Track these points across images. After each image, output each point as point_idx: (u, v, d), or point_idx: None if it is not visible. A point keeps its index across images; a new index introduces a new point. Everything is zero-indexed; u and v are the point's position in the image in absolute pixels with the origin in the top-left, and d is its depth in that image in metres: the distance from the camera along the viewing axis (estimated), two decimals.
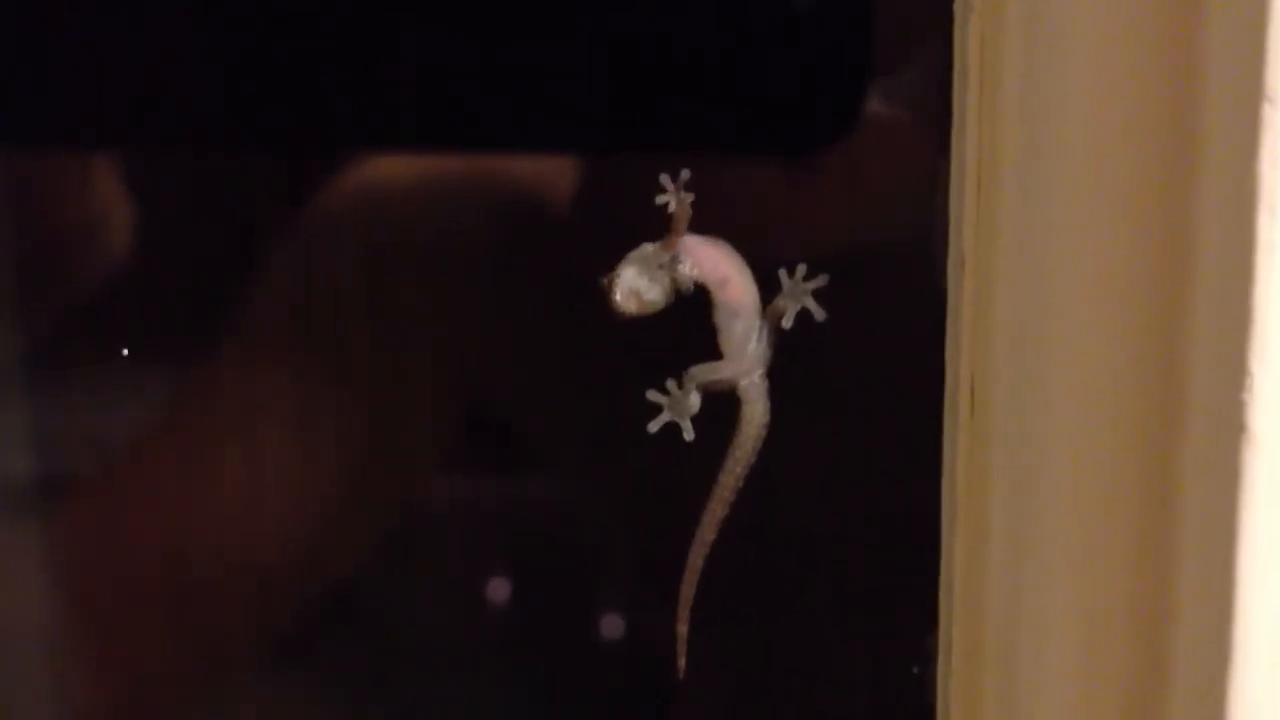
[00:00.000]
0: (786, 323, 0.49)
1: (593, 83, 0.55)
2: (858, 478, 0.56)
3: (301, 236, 0.59)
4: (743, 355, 0.49)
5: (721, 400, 0.50)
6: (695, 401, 0.50)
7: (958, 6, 0.45)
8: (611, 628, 0.62)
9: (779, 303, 0.49)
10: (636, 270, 0.49)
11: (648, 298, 0.49)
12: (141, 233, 0.59)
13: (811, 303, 0.49)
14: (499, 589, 0.62)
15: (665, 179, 0.49)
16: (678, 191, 0.49)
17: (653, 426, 0.50)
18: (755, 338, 0.49)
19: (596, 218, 0.57)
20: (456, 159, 0.58)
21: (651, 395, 0.50)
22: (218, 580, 0.62)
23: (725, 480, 0.50)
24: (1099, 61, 0.41)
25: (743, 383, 0.49)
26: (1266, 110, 0.38)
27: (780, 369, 0.49)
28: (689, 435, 0.50)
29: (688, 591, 0.51)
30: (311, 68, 0.55)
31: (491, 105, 0.55)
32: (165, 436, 0.62)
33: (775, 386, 0.50)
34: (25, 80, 0.57)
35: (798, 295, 0.49)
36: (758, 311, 0.49)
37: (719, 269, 0.49)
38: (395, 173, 0.58)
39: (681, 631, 0.51)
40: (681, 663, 0.51)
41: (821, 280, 0.49)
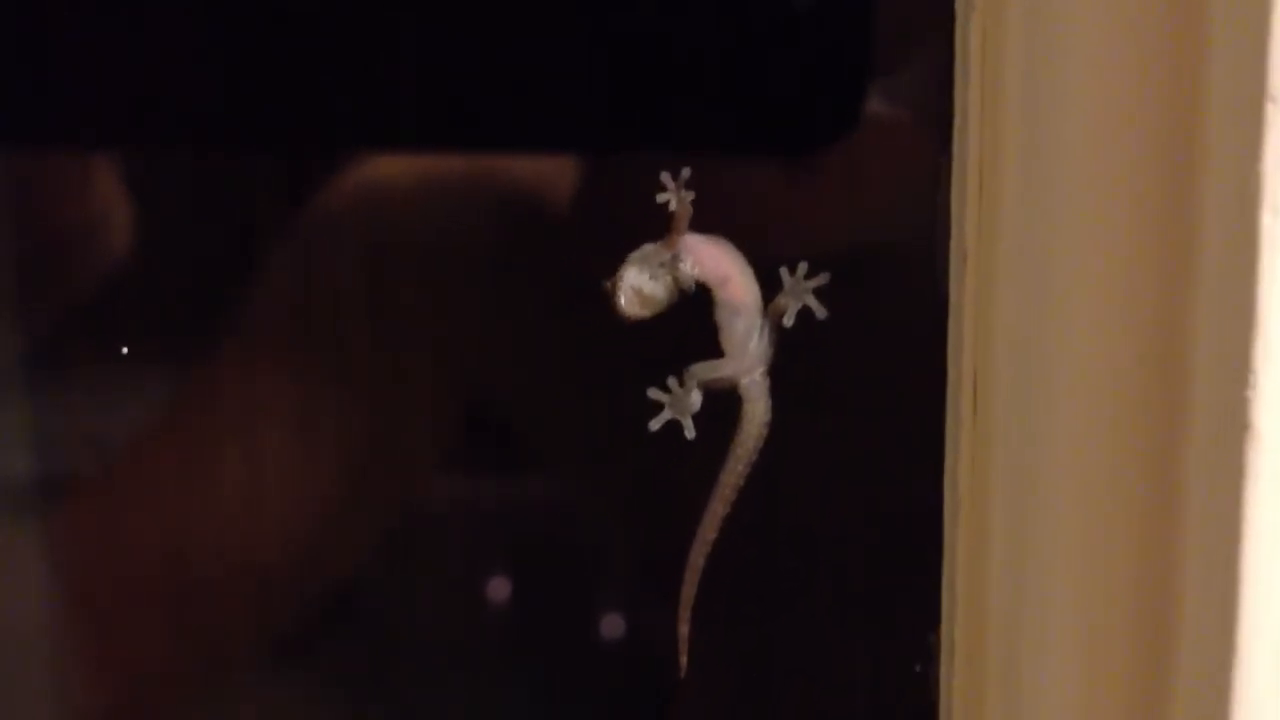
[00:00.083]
0: (788, 321, 0.49)
1: (593, 83, 0.55)
2: (859, 476, 0.56)
3: (301, 236, 0.59)
4: (744, 353, 0.49)
5: (723, 398, 0.50)
6: (696, 399, 0.50)
7: (959, 5, 0.45)
8: (612, 627, 0.62)
9: (780, 301, 0.49)
10: (638, 270, 0.49)
11: (649, 294, 0.49)
12: (141, 233, 0.59)
13: (813, 301, 0.49)
14: (499, 589, 0.62)
15: (666, 177, 0.49)
16: (678, 190, 0.49)
17: (654, 424, 0.50)
18: (756, 336, 0.49)
19: (596, 218, 0.57)
20: (456, 159, 0.58)
21: (653, 393, 0.50)
22: (218, 580, 0.62)
23: (726, 479, 0.50)
24: (1101, 60, 0.41)
25: (744, 381, 0.49)
26: (1269, 109, 0.38)
27: (782, 368, 0.49)
28: (690, 433, 0.50)
29: (689, 591, 0.51)
30: (311, 68, 0.55)
31: (491, 105, 0.55)
32: (165, 436, 0.62)
33: (777, 385, 0.50)
34: (25, 80, 0.56)
35: (799, 293, 0.49)
36: (759, 310, 0.49)
37: (720, 267, 0.49)
38: (395, 173, 0.58)
39: (683, 631, 0.51)
40: (683, 662, 0.51)
41: (823, 278, 0.49)
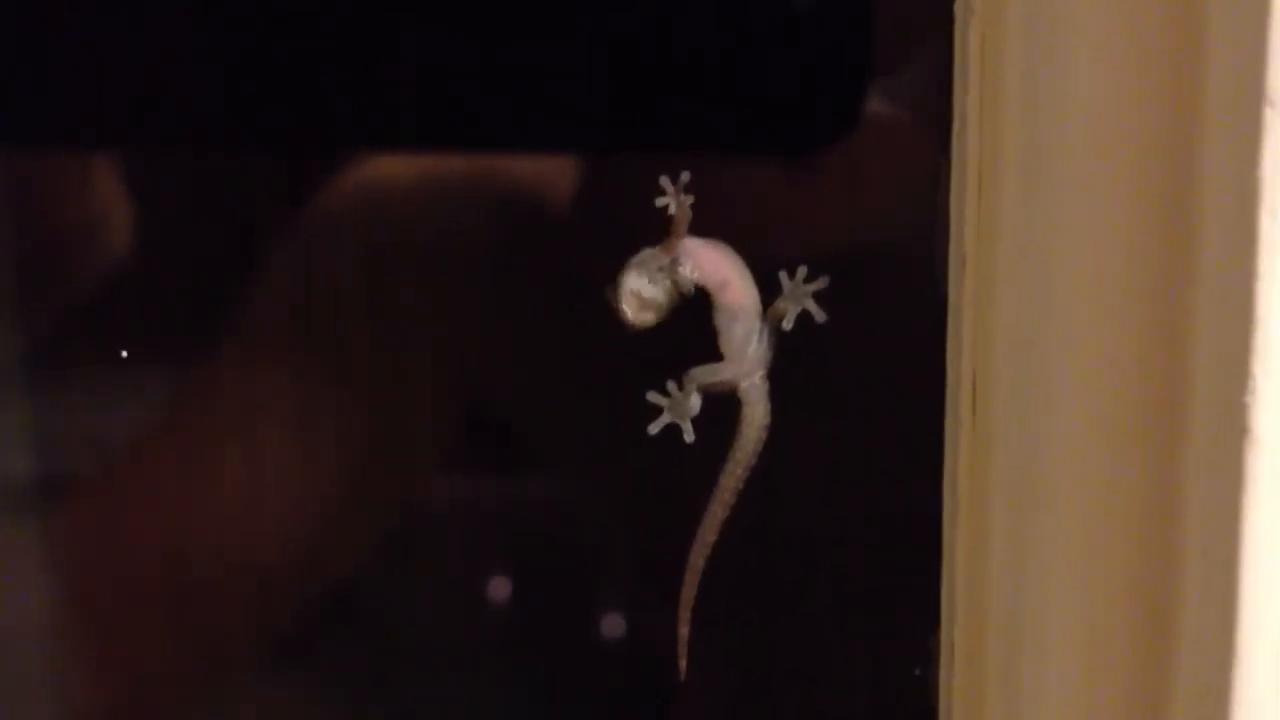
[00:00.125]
0: (787, 324, 0.49)
1: (593, 83, 0.55)
2: (859, 479, 0.56)
3: (301, 236, 0.59)
4: (743, 357, 0.49)
5: (722, 402, 0.50)
6: (696, 403, 0.50)
7: (958, 8, 0.45)
8: (612, 627, 0.62)
9: (779, 305, 0.49)
10: (636, 274, 0.49)
11: (648, 298, 0.49)
12: (141, 233, 0.59)
13: (812, 305, 0.49)
14: (499, 588, 0.62)
15: (665, 181, 0.49)
16: (677, 194, 0.49)
17: (653, 428, 0.50)
18: (756, 340, 0.49)
19: (596, 218, 0.57)
20: (456, 159, 0.58)
21: (652, 397, 0.50)
22: (218, 580, 0.62)
23: (726, 482, 0.50)
24: (1100, 63, 0.41)
25: (743, 384, 0.49)
26: (1267, 113, 0.38)
27: (781, 370, 0.49)
28: (689, 437, 0.50)
29: (689, 593, 0.51)
30: (311, 68, 0.55)
31: (491, 105, 0.55)
32: (165, 436, 0.62)
33: (776, 388, 0.50)
34: (25, 80, 0.56)
35: (798, 297, 0.49)
36: (758, 313, 0.49)
37: (719, 271, 0.49)
38: (395, 173, 0.58)
39: (683, 633, 0.51)
40: (683, 664, 0.51)
41: (822, 282, 0.49)
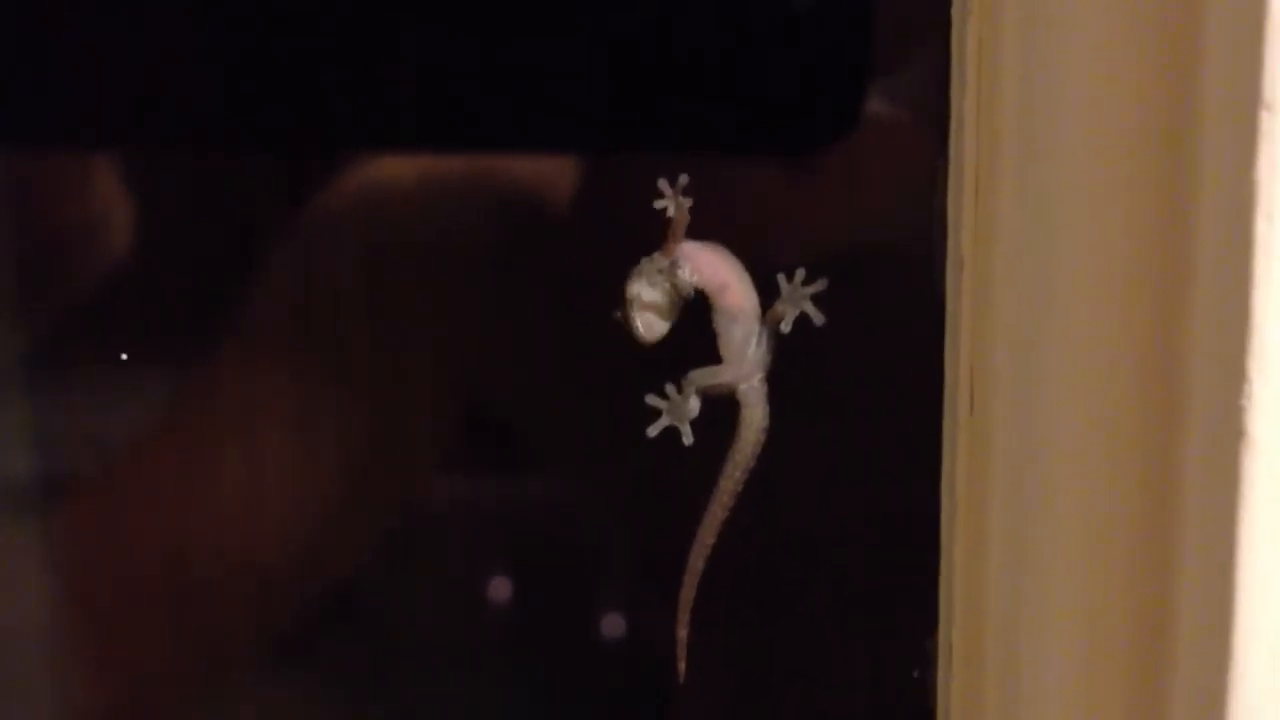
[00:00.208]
0: (785, 327, 0.49)
1: (593, 83, 0.55)
2: (858, 480, 0.56)
3: (301, 236, 0.59)
4: (742, 360, 0.49)
5: (721, 404, 0.50)
6: (694, 406, 0.50)
7: (955, 8, 0.45)
8: (612, 628, 0.62)
9: (778, 307, 0.49)
10: (637, 281, 0.49)
11: (649, 301, 0.49)
12: (141, 233, 0.59)
13: (810, 307, 0.49)
14: (499, 588, 0.62)
15: (663, 184, 0.49)
16: (676, 196, 0.48)
17: (652, 431, 0.50)
18: (754, 342, 0.49)
19: (596, 218, 0.57)
20: (456, 159, 0.58)
21: (650, 400, 0.50)
22: (218, 580, 0.62)
23: (725, 484, 0.50)
24: (1097, 65, 0.40)
25: (742, 387, 0.49)
26: (1264, 116, 0.38)
27: (780, 372, 0.49)
28: (688, 440, 0.50)
29: (687, 595, 0.51)
30: (311, 68, 0.55)
31: (491, 105, 0.55)
32: (165, 436, 0.62)
33: (775, 389, 0.50)
34: (25, 80, 0.56)
35: (796, 300, 0.49)
36: (757, 316, 0.49)
37: (718, 274, 0.49)
38: (395, 173, 0.58)
39: (681, 635, 0.51)
40: (682, 666, 0.51)
41: (820, 284, 0.49)
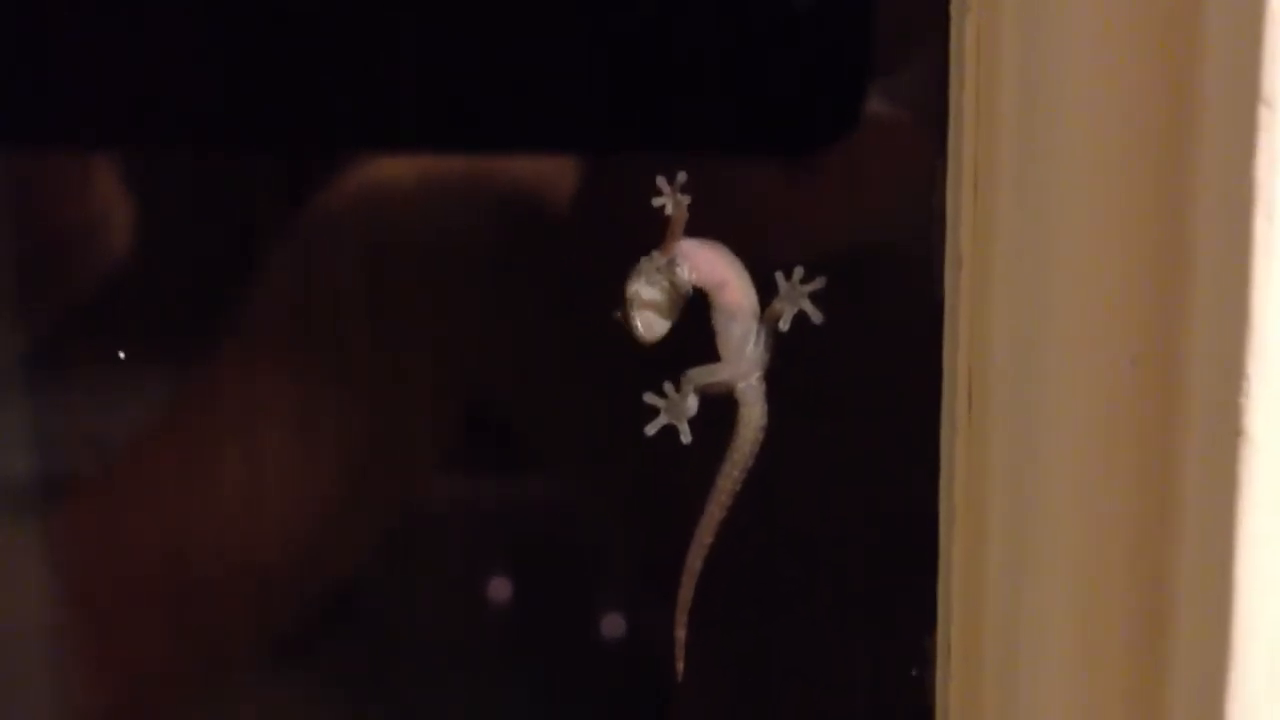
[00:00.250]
0: (783, 325, 0.49)
1: (593, 83, 0.55)
2: (856, 479, 0.56)
3: (301, 236, 0.59)
4: (740, 358, 0.49)
5: (720, 404, 0.50)
6: (692, 404, 0.50)
7: (954, 5, 0.45)
8: (611, 628, 0.62)
9: (776, 305, 0.49)
10: (635, 281, 0.49)
11: (647, 299, 0.49)
12: (141, 233, 0.59)
13: (809, 305, 0.49)
14: (499, 588, 0.62)
15: (661, 181, 0.48)
16: (674, 194, 0.48)
17: (650, 429, 0.50)
18: (753, 340, 0.49)
19: (596, 218, 0.57)
20: (456, 159, 0.58)
21: (648, 398, 0.50)
22: (218, 580, 0.62)
23: (723, 483, 0.50)
24: (1095, 61, 0.40)
25: (740, 385, 0.49)
26: (1263, 113, 0.38)
27: (779, 371, 0.49)
28: (686, 438, 0.49)
29: (685, 595, 0.51)
30: (311, 68, 0.55)
31: (491, 105, 0.55)
32: (165, 436, 0.62)
33: (774, 389, 0.49)
34: (25, 80, 0.56)
35: (795, 298, 0.49)
36: (755, 314, 0.49)
37: (717, 272, 0.49)
38: (395, 173, 0.58)
39: (680, 635, 0.51)
40: (680, 666, 0.51)
41: (819, 283, 0.49)
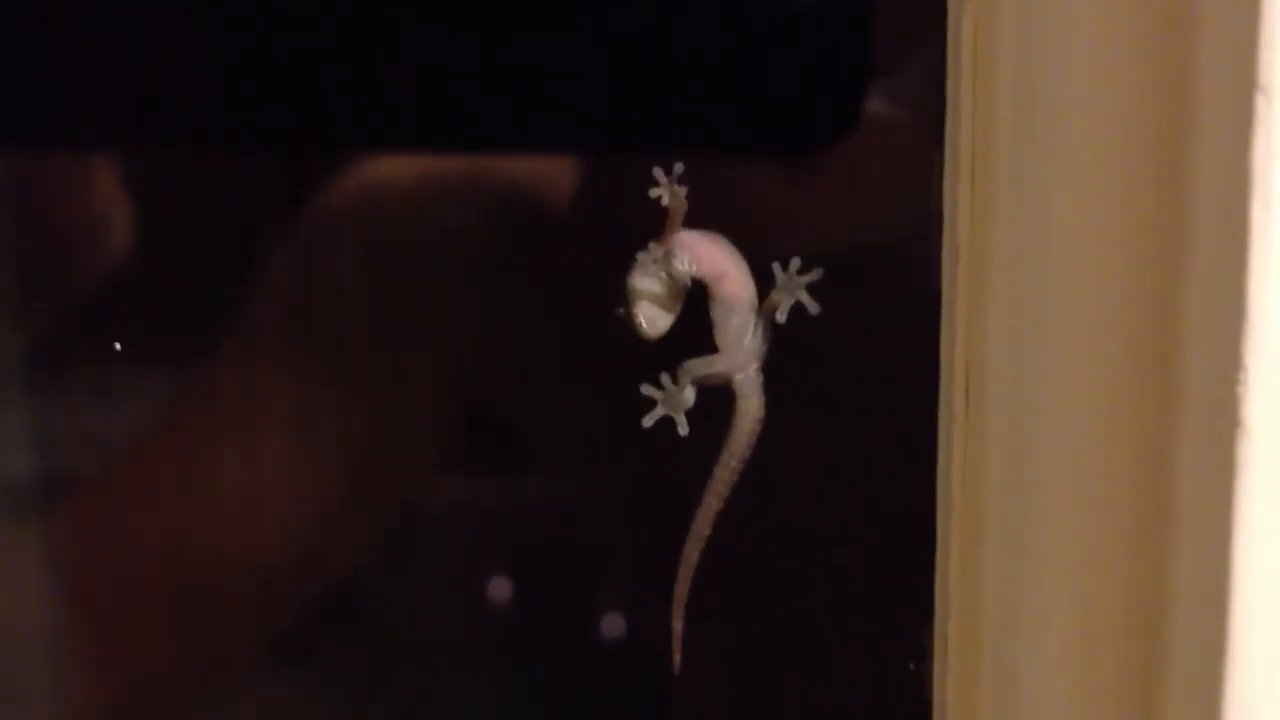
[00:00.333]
0: (780, 316, 0.49)
1: (593, 83, 0.55)
2: (854, 472, 0.56)
3: (301, 236, 0.59)
4: (738, 349, 0.49)
5: (720, 401, 0.50)
6: (690, 396, 0.49)
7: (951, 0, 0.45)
8: (612, 627, 0.62)
9: (773, 296, 0.49)
10: (634, 273, 0.49)
11: (643, 290, 0.49)
12: (141, 233, 0.59)
13: (805, 296, 0.49)
14: (499, 588, 0.62)
15: (658, 172, 0.48)
16: (670, 185, 0.48)
17: (647, 421, 0.50)
18: (751, 332, 0.49)
19: (596, 218, 0.57)
20: (456, 159, 0.58)
21: (646, 389, 0.50)
22: (218, 580, 0.62)
23: (720, 475, 0.50)
24: (1092, 52, 0.40)
25: (738, 377, 0.49)
26: (1259, 101, 0.38)
27: (777, 364, 0.49)
28: (683, 430, 0.49)
29: (682, 587, 0.51)
30: (311, 68, 0.56)
31: (491, 105, 0.55)
32: (165, 436, 0.62)
33: (773, 382, 0.49)
34: (25, 80, 0.57)
35: (792, 289, 0.49)
36: (754, 306, 0.49)
37: (716, 263, 0.49)
38: (395, 173, 0.58)
39: (677, 628, 0.51)
40: (677, 659, 0.51)
41: (816, 274, 0.49)
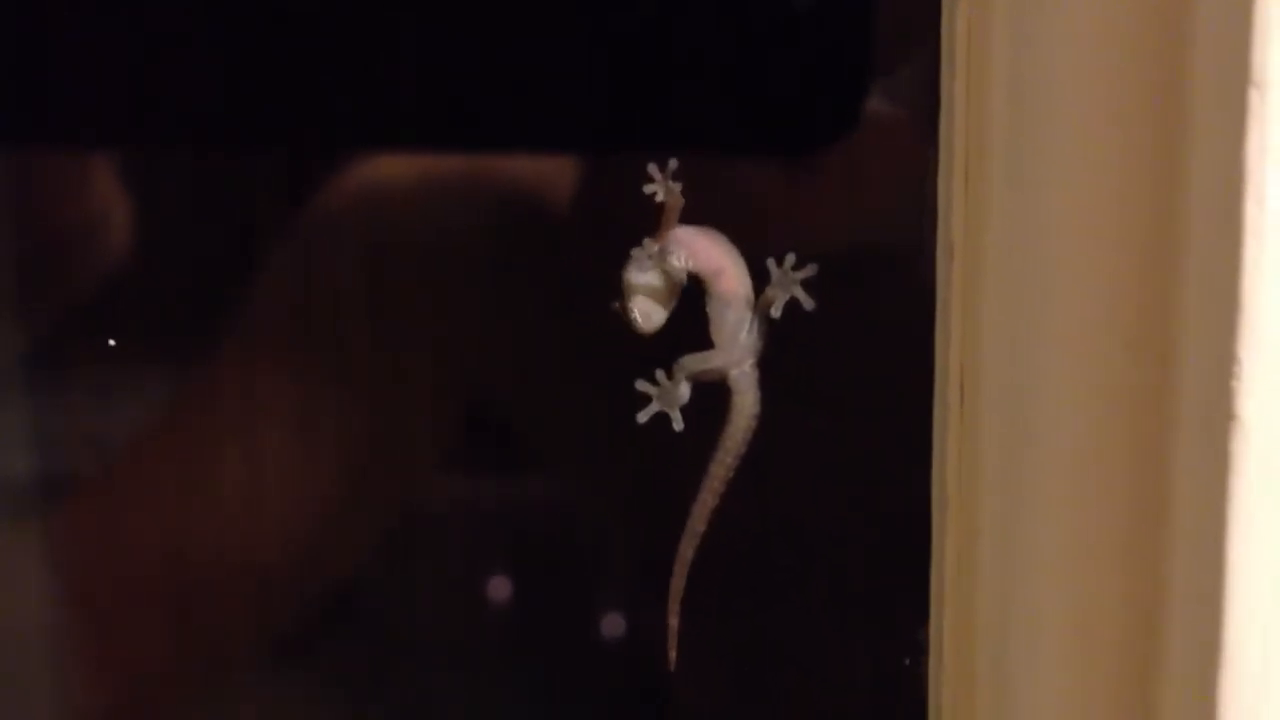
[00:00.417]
0: (775, 312, 0.49)
1: (592, 83, 0.55)
2: (849, 469, 0.56)
3: (301, 236, 0.59)
4: (734, 345, 0.49)
5: (717, 399, 0.50)
6: (685, 392, 0.49)
7: None
8: (611, 627, 0.62)
9: (769, 292, 0.49)
10: (628, 269, 0.49)
11: (637, 284, 0.49)
12: (141, 233, 0.59)
13: (800, 292, 0.48)
14: (499, 588, 0.62)
15: (653, 168, 0.48)
16: (665, 181, 0.48)
17: (642, 417, 0.49)
18: (746, 328, 0.49)
19: (596, 218, 0.57)
20: (456, 159, 0.58)
21: (641, 385, 0.50)
22: (218, 580, 0.62)
23: (715, 470, 0.50)
24: (1085, 49, 0.40)
25: (733, 373, 0.49)
26: (1253, 96, 0.38)
27: (772, 360, 0.49)
28: (678, 425, 0.49)
29: (678, 584, 0.51)
30: (311, 68, 0.56)
31: (491, 105, 0.55)
32: (165, 436, 0.62)
33: (769, 379, 0.49)
34: (25, 80, 0.57)
35: (787, 285, 0.48)
36: (750, 302, 0.49)
37: (713, 259, 0.49)
38: (395, 173, 0.58)
39: (673, 624, 0.51)
40: (673, 655, 0.51)
41: (811, 270, 0.49)
